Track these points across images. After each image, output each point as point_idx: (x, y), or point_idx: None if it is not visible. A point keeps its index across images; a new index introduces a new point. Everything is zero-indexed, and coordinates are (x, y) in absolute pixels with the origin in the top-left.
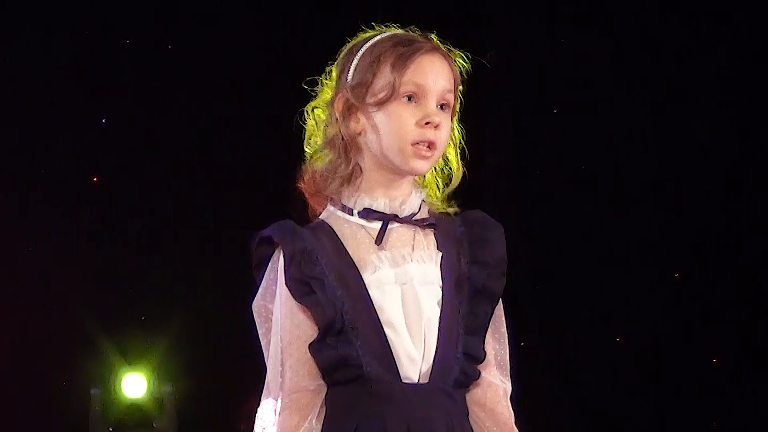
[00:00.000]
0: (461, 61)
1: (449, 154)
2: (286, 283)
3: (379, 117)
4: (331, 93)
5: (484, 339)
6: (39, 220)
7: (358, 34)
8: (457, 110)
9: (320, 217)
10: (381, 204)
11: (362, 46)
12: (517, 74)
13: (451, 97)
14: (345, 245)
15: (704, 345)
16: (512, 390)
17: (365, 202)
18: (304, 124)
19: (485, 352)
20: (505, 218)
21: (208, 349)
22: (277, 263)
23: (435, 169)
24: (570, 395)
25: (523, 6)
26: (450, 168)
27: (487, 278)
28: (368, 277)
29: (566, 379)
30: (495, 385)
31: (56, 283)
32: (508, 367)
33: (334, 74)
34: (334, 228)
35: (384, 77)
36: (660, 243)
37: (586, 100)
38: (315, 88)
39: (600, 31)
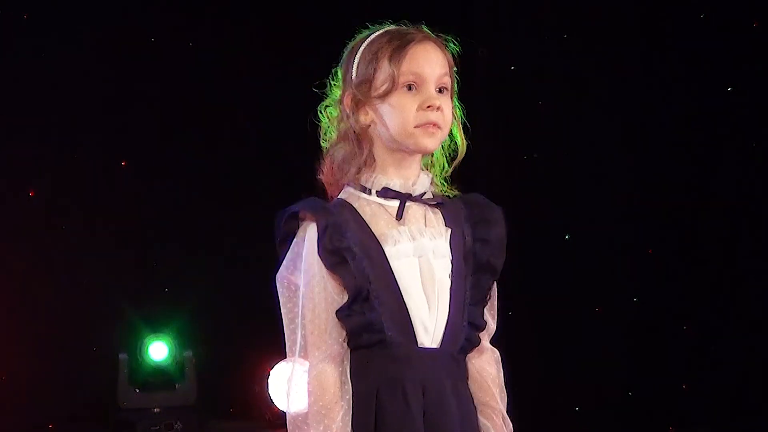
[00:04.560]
0: (452, 45)
1: (453, 129)
2: (318, 254)
3: (385, 108)
4: (339, 92)
5: (484, 309)
6: (72, 202)
7: (356, 35)
8: (455, 90)
9: (339, 197)
10: (396, 184)
11: (360, 46)
12: (505, 69)
13: (447, 81)
14: (366, 221)
15: (674, 314)
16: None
17: (382, 181)
18: (319, 122)
19: (485, 321)
20: (495, 199)
21: (225, 318)
22: (303, 238)
23: (442, 147)
24: (554, 360)
25: (511, 7)
26: (455, 143)
27: (490, 254)
28: (389, 250)
29: (550, 346)
30: (489, 350)
31: (88, 259)
32: (493, 334)
33: (339, 75)
34: (355, 206)
35: (384, 71)
36: (634, 223)
37: (568, 92)
38: (324, 90)
39: (583, 30)
